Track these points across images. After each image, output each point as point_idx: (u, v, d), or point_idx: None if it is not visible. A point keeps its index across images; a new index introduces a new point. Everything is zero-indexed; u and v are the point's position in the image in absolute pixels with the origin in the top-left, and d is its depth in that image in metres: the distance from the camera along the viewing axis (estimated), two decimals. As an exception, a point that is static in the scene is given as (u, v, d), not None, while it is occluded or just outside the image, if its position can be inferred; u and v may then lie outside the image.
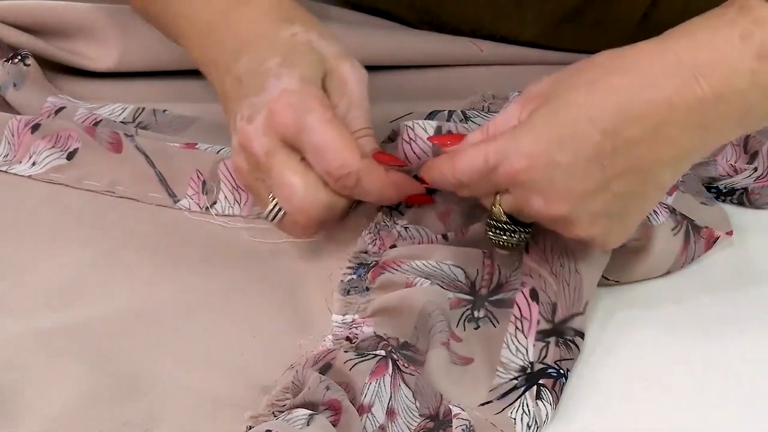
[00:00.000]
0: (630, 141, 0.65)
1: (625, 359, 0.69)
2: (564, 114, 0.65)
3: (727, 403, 0.66)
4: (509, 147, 0.66)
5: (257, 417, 0.63)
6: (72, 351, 0.68)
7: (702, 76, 0.65)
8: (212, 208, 0.80)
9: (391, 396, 0.64)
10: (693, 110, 0.65)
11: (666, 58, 0.65)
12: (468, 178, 0.68)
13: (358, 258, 0.73)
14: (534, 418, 0.64)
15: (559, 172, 0.65)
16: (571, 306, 0.69)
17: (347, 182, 0.71)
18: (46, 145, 0.85)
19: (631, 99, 0.65)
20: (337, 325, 0.70)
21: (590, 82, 0.66)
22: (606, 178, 0.65)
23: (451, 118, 0.82)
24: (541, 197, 0.66)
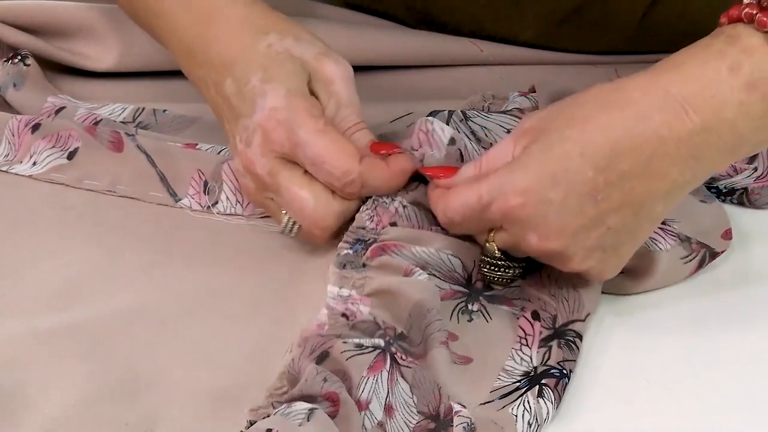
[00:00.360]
0: (622, 175, 0.65)
1: (624, 359, 0.69)
2: (557, 150, 0.66)
3: (728, 403, 0.66)
4: (503, 184, 0.67)
5: (257, 410, 0.63)
6: (73, 351, 0.68)
7: (691, 109, 0.65)
8: (214, 207, 0.80)
9: (389, 392, 0.64)
10: (683, 142, 0.65)
11: (656, 92, 0.66)
12: (461, 216, 0.69)
13: (355, 233, 0.73)
14: (535, 415, 0.64)
15: (553, 209, 0.66)
16: (571, 314, 0.70)
17: (353, 187, 0.72)
18: (46, 145, 0.85)
19: (622, 134, 0.65)
20: (332, 297, 0.69)
21: (583, 118, 0.66)
22: (600, 213, 0.66)
23: (451, 118, 0.82)
24: (535, 233, 0.66)
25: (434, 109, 0.83)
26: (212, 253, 0.77)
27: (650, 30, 0.94)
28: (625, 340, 0.70)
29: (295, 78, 0.73)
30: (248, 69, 0.73)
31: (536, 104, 0.85)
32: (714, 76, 0.66)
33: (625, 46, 0.95)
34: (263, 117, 0.71)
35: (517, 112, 0.83)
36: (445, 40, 0.95)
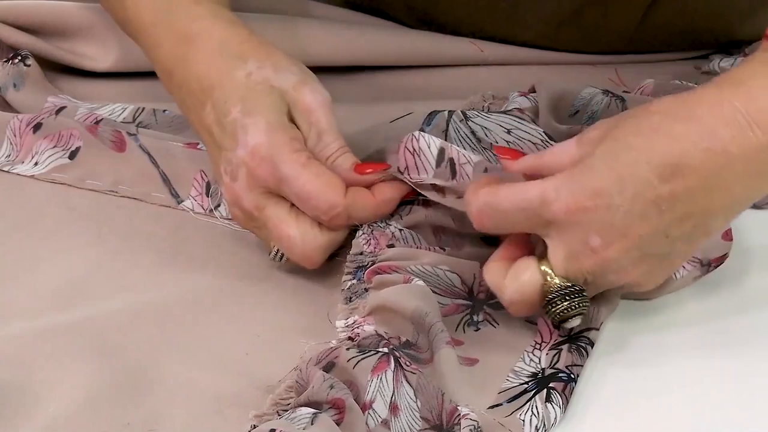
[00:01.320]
0: (688, 189, 0.65)
1: (628, 363, 0.69)
2: (624, 156, 0.65)
3: (731, 403, 0.66)
4: (572, 184, 0.66)
5: (261, 416, 0.63)
6: (75, 350, 0.68)
7: (758, 126, 0.65)
8: (216, 210, 0.80)
9: (394, 391, 0.64)
10: (749, 159, 0.65)
11: (721, 108, 0.65)
12: (514, 207, 0.67)
13: (354, 261, 0.73)
14: (543, 420, 0.64)
15: (620, 214, 0.65)
16: (589, 323, 0.69)
17: (339, 220, 0.72)
18: (48, 145, 0.85)
19: (690, 147, 0.65)
20: (340, 329, 0.69)
21: (650, 128, 0.66)
22: (663, 223, 0.65)
23: (451, 118, 0.82)
24: (599, 237, 0.65)
25: (434, 109, 0.83)
26: (216, 253, 0.77)
27: (649, 31, 0.94)
28: (628, 343, 0.70)
29: (275, 110, 0.73)
30: (228, 99, 0.73)
31: (536, 104, 0.85)
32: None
33: (624, 47, 0.95)
34: (247, 154, 0.71)
35: (517, 112, 0.83)
36: (445, 40, 0.95)
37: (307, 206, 0.71)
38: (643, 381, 0.67)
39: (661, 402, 0.66)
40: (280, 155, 0.71)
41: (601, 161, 0.66)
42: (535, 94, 0.86)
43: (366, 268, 0.72)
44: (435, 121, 0.82)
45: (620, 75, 0.95)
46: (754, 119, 0.65)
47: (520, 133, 0.80)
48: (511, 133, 0.81)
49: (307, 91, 0.74)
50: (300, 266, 0.74)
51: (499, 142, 0.80)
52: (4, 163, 0.85)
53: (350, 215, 0.72)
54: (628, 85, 0.93)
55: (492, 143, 0.80)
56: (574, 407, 0.66)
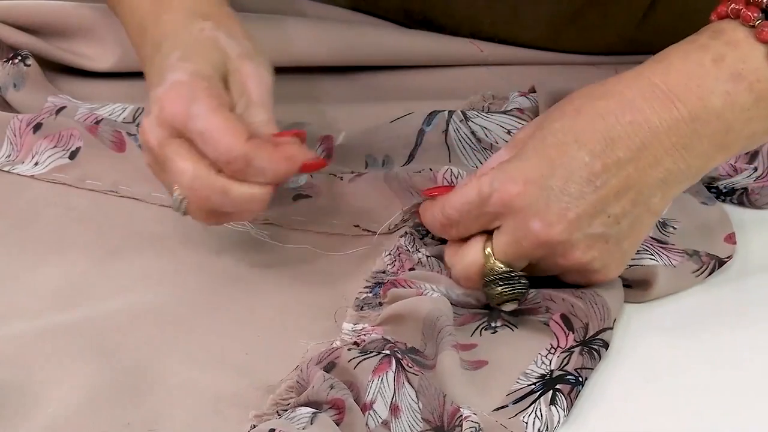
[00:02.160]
0: (618, 161, 0.67)
1: (630, 364, 0.69)
2: (551, 139, 0.67)
3: (734, 404, 0.66)
4: (503, 175, 0.67)
5: (261, 416, 0.63)
6: (76, 351, 0.68)
7: (677, 99, 0.67)
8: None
9: (395, 392, 0.63)
10: (672, 130, 0.67)
11: (641, 83, 0.68)
12: (458, 212, 0.69)
13: (375, 278, 0.73)
14: (546, 423, 0.64)
15: (554, 194, 0.67)
16: (602, 322, 0.69)
17: (237, 165, 0.70)
18: (48, 145, 0.85)
19: (614, 121, 0.67)
20: (346, 332, 0.69)
21: (573, 110, 0.68)
22: (600, 199, 0.67)
23: (451, 118, 0.82)
24: (538, 220, 0.67)
25: (434, 109, 0.83)
26: (215, 254, 0.77)
27: (649, 31, 0.94)
28: (630, 344, 0.70)
29: (209, 63, 0.73)
30: (173, 46, 0.74)
31: (536, 104, 0.85)
32: (697, 67, 0.67)
33: (624, 48, 0.95)
34: (165, 89, 0.71)
35: (517, 113, 0.83)
36: (444, 41, 0.95)
37: (208, 146, 0.70)
38: (645, 383, 0.67)
39: (663, 403, 0.66)
40: (195, 94, 0.70)
41: (531, 149, 0.68)
42: (535, 94, 0.86)
43: (383, 285, 0.72)
44: (435, 121, 0.82)
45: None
46: (673, 92, 0.67)
47: (521, 133, 0.81)
48: (512, 133, 0.81)
49: (250, 64, 0.75)
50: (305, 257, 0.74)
51: (499, 143, 0.80)
52: (4, 163, 0.85)
53: (248, 164, 0.69)
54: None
55: (492, 143, 0.81)
56: (576, 409, 0.66)
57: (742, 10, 0.68)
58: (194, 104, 0.70)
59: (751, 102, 0.67)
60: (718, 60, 0.67)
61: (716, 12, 0.70)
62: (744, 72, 0.67)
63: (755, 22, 0.67)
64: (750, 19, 0.67)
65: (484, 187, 0.68)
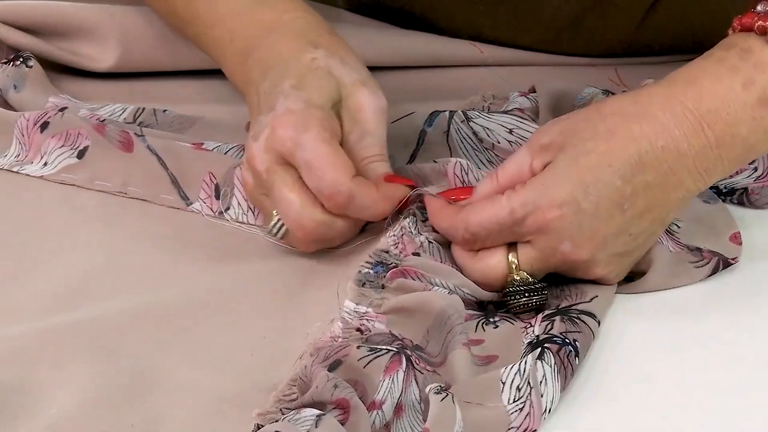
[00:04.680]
0: (646, 185, 0.68)
1: (628, 360, 0.69)
2: (584, 161, 0.68)
3: (731, 401, 0.66)
4: (538, 197, 0.68)
5: (265, 414, 0.63)
6: (79, 351, 0.68)
7: (707, 125, 0.68)
8: (225, 213, 0.80)
9: (402, 391, 0.63)
10: (699, 156, 0.69)
11: (674, 107, 0.69)
12: (486, 231, 0.70)
13: (379, 256, 0.73)
14: (527, 379, 0.63)
15: (587, 218, 0.68)
16: (574, 299, 0.70)
17: (339, 200, 0.72)
18: (56, 144, 0.84)
19: (647, 146, 0.68)
20: (347, 312, 0.69)
21: (607, 131, 0.69)
22: (626, 221, 0.69)
23: (452, 119, 0.82)
24: (570, 243, 0.68)
25: (435, 110, 0.83)
26: (220, 256, 0.77)
27: (648, 34, 0.95)
28: (628, 341, 0.70)
29: (322, 93, 0.74)
30: (285, 73, 0.74)
31: (536, 104, 0.85)
32: (728, 92, 0.68)
33: (623, 50, 0.96)
34: (277, 115, 0.72)
35: (518, 112, 0.84)
36: (444, 41, 0.96)
37: (312, 177, 0.72)
38: (644, 377, 0.67)
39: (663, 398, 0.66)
40: (307, 124, 0.72)
41: (564, 169, 0.69)
42: (535, 94, 0.86)
43: (386, 266, 0.72)
44: (436, 121, 0.82)
45: (620, 75, 0.95)
46: (704, 118, 0.68)
47: (522, 132, 0.81)
48: (513, 132, 0.81)
49: (365, 90, 0.75)
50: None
51: (501, 142, 0.81)
52: (14, 164, 0.85)
53: (350, 201, 0.72)
54: (628, 85, 0.93)
55: (494, 143, 0.81)
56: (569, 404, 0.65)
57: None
58: (305, 133, 0.71)
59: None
60: (748, 84, 0.68)
61: (740, 21, 0.70)
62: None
63: None
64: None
65: (518, 209, 0.68)
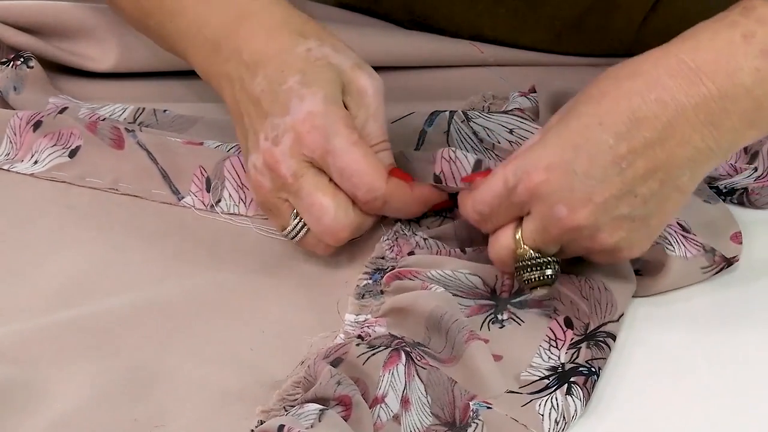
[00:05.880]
0: (645, 142, 0.66)
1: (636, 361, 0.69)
2: (575, 123, 0.67)
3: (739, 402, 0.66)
4: (526, 163, 0.67)
5: (268, 411, 0.63)
6: (81, 348, 0.68)
7: (705, 75, 0.66)
8: (217, 206, 0.80)
9: (406, 384, 0.64)
10: (700, 108, 0.65)
11: (668, 61, 0.66)
12: (489, 206, 0.69)
13: (374, 264, 0.73)
14: (562, 413, 0.64)
15: (579, 179, 0.66)
16: (603, 318, 0.69)
17: (375, 204, 0.72)
18: (48, 143, 0.84)
19: (639, 101, 0.66)
20: (349, 324, 0.69)
21: (599, 93, 0.67)
22: (626, 181, 0.66)
23: (452, 119, 0.82)
24: (564, 206, 0.66)
25: (435, 110, 0.83)
26: (217, 251, 0.77)
27: (649, 35, 0.95)
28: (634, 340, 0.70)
29: (333, 86, 0.73)
30: (285, 69, 0.73)
31: (536, 104, 0.85)
32: (727, 44, 0.66)
33: (624, 51, 0.95)
34: (299, 119, 0.71)
35: (518, 112, 0.84)
36: (444, 41, 0.96)
37: (348, 183, 0.71)
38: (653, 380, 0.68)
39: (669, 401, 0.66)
40: (334, 127, 0.71)
41: (554, 135, 0.67)
42: (535, 94, 0.86)
43: (384, 272, 0.72)
44: (436, 121, 0.82)
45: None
46: (701, 69, 0.66)
47: (522, 132, 0.81)
48: (514, 132, 0.81)
49: (364, 74, 0.74)
50: (309, 252, 0.74)
51: (501, 142, 0.81)
52: (4, 162, 0.85)
53: (386, 202, 0.72)
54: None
55: (494, 143, 0.81)
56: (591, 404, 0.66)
57: None
58: (335, 138, 0.71)
59: None
60: (749, 36, 0.66)
61: None
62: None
63: None
64: None
65: (510, 177, 0.67)
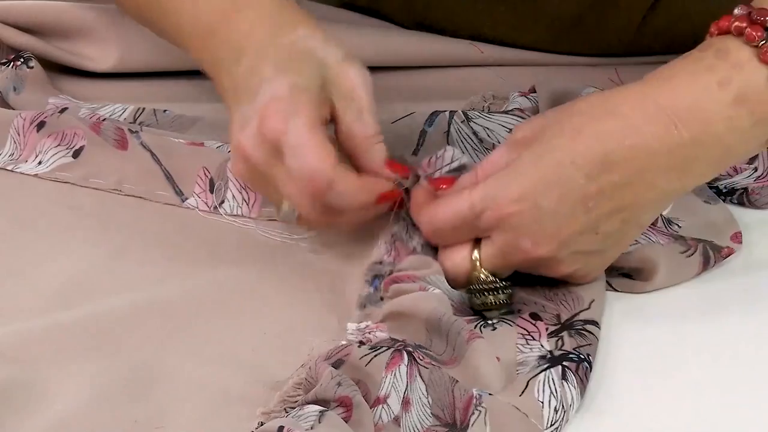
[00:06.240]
0: (614, 185, 0.67)
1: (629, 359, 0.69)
2: (548, 158, 0.67)
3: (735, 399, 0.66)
4: (497, 192, 0.67)
5: (269, 413, 0.63)
6: (82, 348, 0.68)
7: (681, 123, 0.66)
8: (220, 207, 0.80)
9: (407, 385, 0.64)
10: (672, 155, 0.67)
11: (647, 106, 0.67)
12: (450, 225, 0.69)
13: (373, 270, 0.73)
14: (561, 401, 0.64)
15: (547, 215, 0.67)
16: (573, 309, 0.70)
17: (318, 186, 0.70)
18: (52, 144, 0.84)
19: (614, 145, 0.66)
20: (351, 332, 0.69)
21: (575, 128, 0.67)
22: (591, 220, 0.67)
23: (452, 119, 0.82)
24: (529, 239, 0.67)
25: (435, 110, 0.83)
26: (219, 252, 0.77)
27: (649, 34, 0.95)
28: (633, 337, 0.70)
29: (307, 75, 0.72)
30: (264, 58, 0.72)
31: (536, 104, 0.85)
32: (704, 91, 0.67)
33: (624, 50, 0.96)
34: (264, 104, 0.70)
35: (518, 112, 0.84)
36: (444, 41, 0.96)
37: (294, 161, 0.69)
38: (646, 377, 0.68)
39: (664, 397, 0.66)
40: (294, 110, 0.70)
41: (526, 165, 0.67)
42: (535, 94, 0.86)
43: (383, 278, 0.72)
44: (436, 121, 0.82)
45: (620, 75, 0.95)
46: (677, 116, 0.66)
47: (522, 132, 0.81)
48: (514, 133, 0.81)
49: (353, 68, 0.73)
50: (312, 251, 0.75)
51: (501, 142, 0.81)
52: (8, 162, 0.85)
53: (329, 187, 0.70)
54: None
55: (494, 143, 0.81)
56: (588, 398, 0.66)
57: (747, 29, 0.67)
58: (292, 120, 0.70)
59: (750, 124, 0.67)
60: (725, 84, 0.66)
61: (717, 25, 0.69)
62: (747, 95, 0.66)
63: (759, 42, 0.66)
64: (754, 38, 0.66)
65: (477, 203, 0.68)
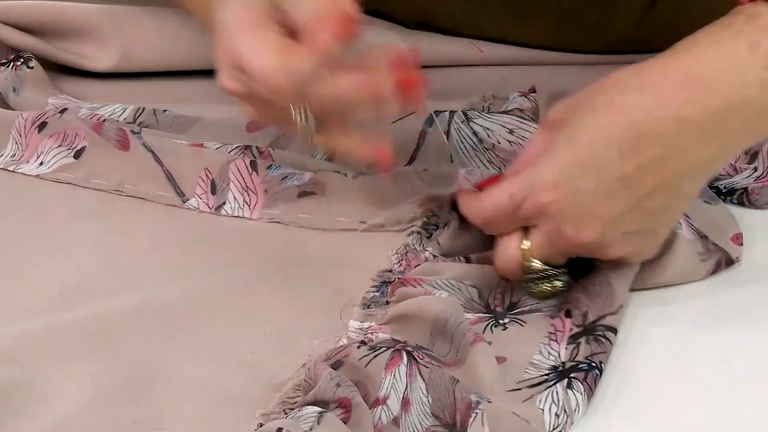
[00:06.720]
0: (651, 160, 0.65)
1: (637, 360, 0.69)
2: (581, 138, 0.66)
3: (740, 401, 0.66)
4: (533, 180, 0.67)
5: (268, 414, 0.63)
6: (82, 349, 0.68)
7: (712, 89, 0.65)
8: (221, 208, 0.80)
9: (407, 386, 0.64)
10: (706, 122, 0.65)
11: (675, 73, 0.66)
12: (494, 216, 0.69)
13: (382, 276, 0.73)
14: (563, 407, 0.64)
15: (586, 198, 0.66)
16: (603, 309, 0.69)
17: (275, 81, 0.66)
18: (53, 144, 0.84)
19: (644, 117, 0.65)
20: (353, 330, 0.69)
21: (605, 104, 0.67)
22: (632, 198, 0.66)
23: (452, 119, 0.82)
24: (572, 225, 0.67)
25: (435, 110, 0.83)
26: (220, 253, 0.77)
27: (650, 30, 0.95)
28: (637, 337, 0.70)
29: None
30: None
31: (536, 104, 0.85)
32: (734, 56, 0.65)
33: (624, 47, 0.96)
34: (221, 33, 0.68)
35: (518, 112, 0.84)
36: (444, 41, 0.96)
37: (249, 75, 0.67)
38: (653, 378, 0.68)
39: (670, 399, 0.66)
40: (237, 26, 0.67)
41: (560, 148, 0.67)
42: (535, 94, 0.86)
43: (390, 285, 0.72)
44: (436, 121, 0.82)
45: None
46: (708, 83, 0.65)
47: (522, 132, 0.81)
48: (514, 132, 0.81)
49: None
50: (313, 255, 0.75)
51: (501, 142, 0.81)
52: (9, 163, 0.85)
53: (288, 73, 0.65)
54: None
55: (494, 144, 0.81)
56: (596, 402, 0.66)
57: None
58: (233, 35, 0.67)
59: None
60: (754, 47, 0.65)
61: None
62: None
63: None
64: None
65: (516, 193, 0.68)
